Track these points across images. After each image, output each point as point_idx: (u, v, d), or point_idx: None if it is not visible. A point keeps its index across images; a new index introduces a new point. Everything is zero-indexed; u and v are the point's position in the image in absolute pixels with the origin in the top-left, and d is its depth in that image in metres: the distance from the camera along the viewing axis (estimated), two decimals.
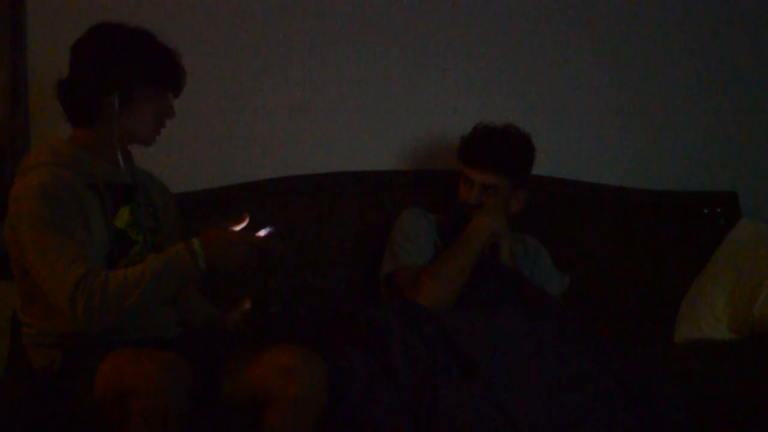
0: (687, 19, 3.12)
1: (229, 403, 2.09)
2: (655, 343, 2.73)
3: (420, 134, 2.95)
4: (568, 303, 2.70)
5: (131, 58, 2.10)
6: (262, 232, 2.00)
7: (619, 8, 3.08)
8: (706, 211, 3.03)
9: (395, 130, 2.96)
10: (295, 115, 2.89)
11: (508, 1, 3.01)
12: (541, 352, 2.21)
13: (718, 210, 3.03)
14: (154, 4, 2.77)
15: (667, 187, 3.09)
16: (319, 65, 2.90)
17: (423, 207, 2.76)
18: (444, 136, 2.96)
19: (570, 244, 2.92)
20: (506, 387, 2.10)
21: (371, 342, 2.30)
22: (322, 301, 2.74)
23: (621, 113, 3.11)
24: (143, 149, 2.22)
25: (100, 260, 2.03)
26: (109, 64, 2.09)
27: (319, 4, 2.89)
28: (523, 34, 3.02)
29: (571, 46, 3.05)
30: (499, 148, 2.63)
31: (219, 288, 2.40)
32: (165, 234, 2.23)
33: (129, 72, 2.09)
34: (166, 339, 2.15)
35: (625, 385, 2.18)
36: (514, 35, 3.02)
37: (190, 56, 2.24)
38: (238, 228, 2.01)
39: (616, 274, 2.93)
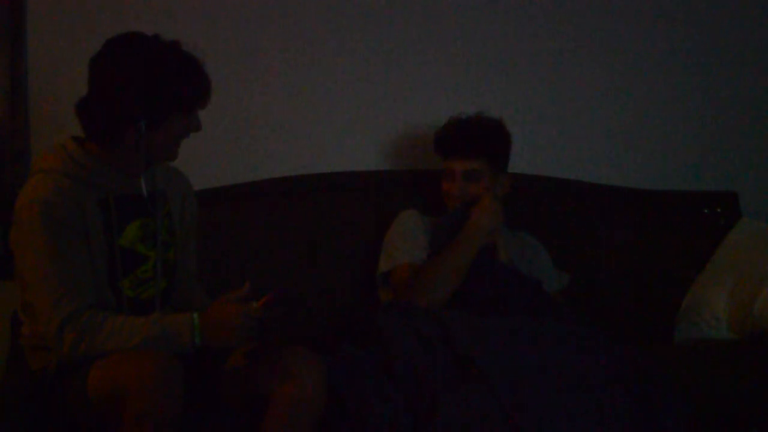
0: (687, 18, 3.12)
1: (229, 404, 2.09)
2: (655, 343, 2.73)
3: (420, 134, 2.95)
4: (568, 302, 2.71)
5: (160, 83, 1.98)
6: (261, 300, 2.00)
7: (618, 7, 3.08)
8: (706, 211, 3.03)
9: (395, 130, 2.96)
10: (295, 115, 2.90)
11: None
12: (541, 352, 2.22)
13: (718, 210, 3.03)
14: (153, 4, 2.77)
15: (667, 187, 3.09)
16: (319, 64, 2.90)
17: (422, 208, 2.77)
18: None
19: (570, 243, 2.92)
20: (507, 387, 2.10)
21: (371, 343, 2.30)
22: (321, 301, 2.74)
23: (621, 113, 3.11)
24: None
25: (101, 283, 2.03)
26: (135, 88, 1.97)
27: (318, 5, 2.89)
28: (521, 32, 3.02)
29: (570, 45, 3.05)
30: (473, 133, 2.67)
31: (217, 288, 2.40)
32: (178, 247, 2.21)
33: (157, 98, 1.98)
34: None
35: (624, 385, 2.18)
36: (512, 34, 3.02)
37: None
38: (237, 295, 2.00)
39: (615, 274, 2.93)
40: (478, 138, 2.66)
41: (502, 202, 2.67)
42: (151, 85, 1.98)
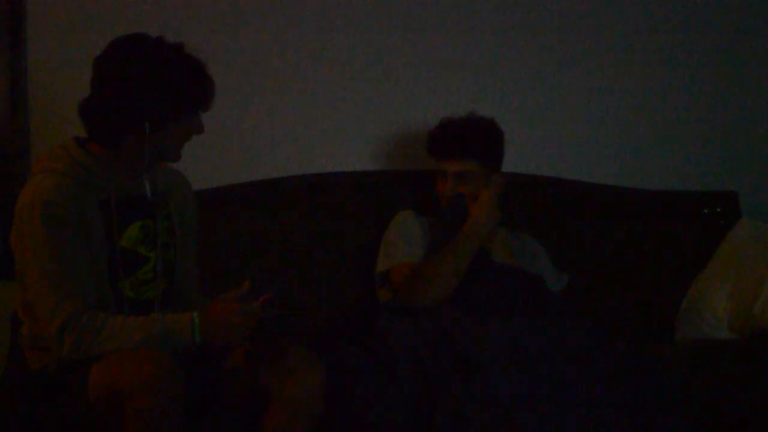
0: (687, 18, 3.12)
1: (230, 404, 2.09)
2: (655, 343, 2.73)
3: (417, 134, 2.95)
4: (568, 302, 2.70)
5: (164, 85, 1.99)
6: (260, 300, 2.00)
7: (619, 7, 3.08)
8: (706, 211, 3.03)
9: (392, 131, 2.96)
10: (292, 116, 2.90)
11: None
12: (542, 352, 2.21)
13: (718, 210, 3.03)
14: (154, 5, 2.77)
15: (667, 187, 3.09)
16: (316, 66, 2.90)
17: (418, 208, 2.77)
18: None
19: (570, 244, 2.92)
20: (508, 388, 2.10)
21: (372, 342, 2.30)
22: (320, 301, 2.74)
23: (621, 113, 3.11)
24: None
25: (101, 283, 2.03)
26: (140, 90, 1.98)
27: (315, 8, 2.89)
28: (521, 32, 3.02)
29: (569, 45, 3.05)
30: (465, 134, 2.66)
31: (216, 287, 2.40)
32: (178, 248, 2.21)
33: (162, 100, 1.99)
34: None
35: (624, 384, 2.18)
36: (511, 34, 3.01)
37: None
38: (236, 294, 2.00)
39: (616, 274, 2.93)
40: (469, 139, 2.66)
41: (501, 203, 2.67)
42: (156, 88, 1.99)
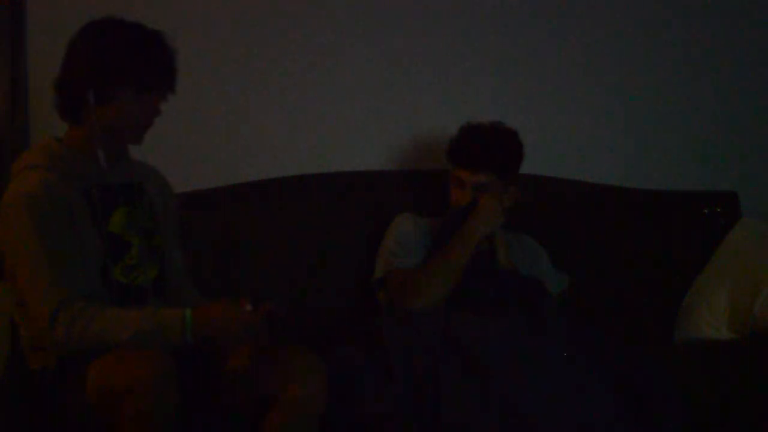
0: (687, 18, 3.12)
1: (230, 405, 2.09)
2: (655, 343, 2.73)
3: (420, 134, 2.95)
4: (568, 303, 2.71)
5: (112, 57, 2.03)
6: (261, 309, 1.99)
7: (619, 7, 3.08)
8: (706, 211, 3.03)
9: (395, 131, 2.96)
10: (296, 115, 2.90)
11: None
12: (543, 351, 2.22)
13: (718, 210, 3.03)
14: (155, 4, 2.77)
15: (667, 187, 3.09)
16: (321, 64, 2.90)
17: (421, 208, 2.76)
18: (443, 137, 2.95)
19: (570, 244, 2.92)
20: (509, 386, 2.10)
21: (371, 343, 2.30)
22: (321, 302, 2.74)
23: (621, 113, 3.11)
24: (143, 148, 2.20)
25: (92, 272, 2.03)
26: (90, 60, 2.03)
27: (316, 8, 2.89)
28: (520, 32, 3.02)
29: (569, 45, 3.06)
30: (489, 147, 2.62)
31: (216, 288, 2.40)
32: (163, 235, 2.22)
33: (107, 71, 2.02)
34: None
35: (625, 386, 2.18)
36: (511, 34, 3.02)
37: (191, 56, 2.24)
38: (243, 306, 2.00)
39: (616, 274, 2.93)
40: (493, 152, 2.61)
41: (509, 211, 2.65)
42: (97, 55, 2.03)
